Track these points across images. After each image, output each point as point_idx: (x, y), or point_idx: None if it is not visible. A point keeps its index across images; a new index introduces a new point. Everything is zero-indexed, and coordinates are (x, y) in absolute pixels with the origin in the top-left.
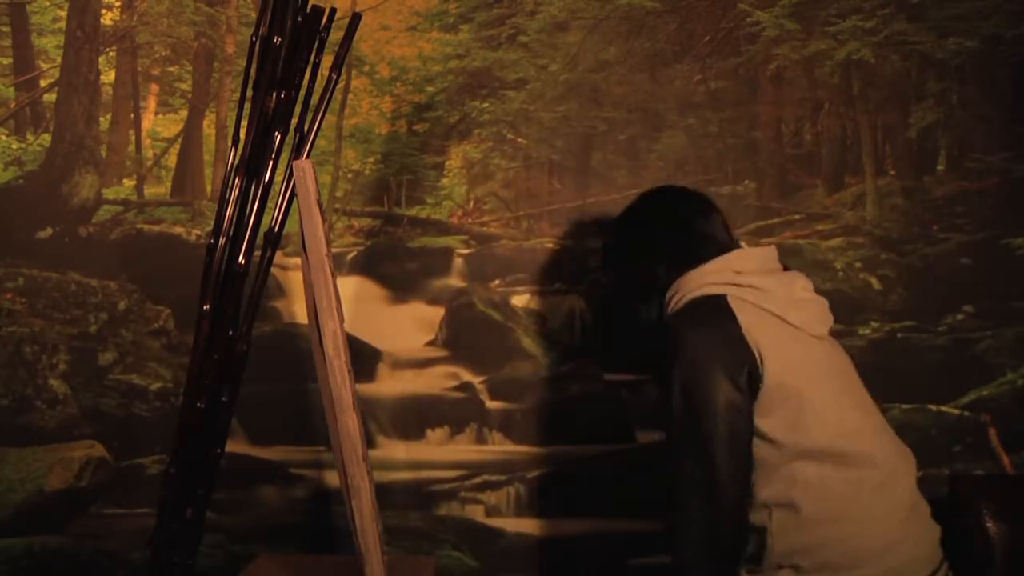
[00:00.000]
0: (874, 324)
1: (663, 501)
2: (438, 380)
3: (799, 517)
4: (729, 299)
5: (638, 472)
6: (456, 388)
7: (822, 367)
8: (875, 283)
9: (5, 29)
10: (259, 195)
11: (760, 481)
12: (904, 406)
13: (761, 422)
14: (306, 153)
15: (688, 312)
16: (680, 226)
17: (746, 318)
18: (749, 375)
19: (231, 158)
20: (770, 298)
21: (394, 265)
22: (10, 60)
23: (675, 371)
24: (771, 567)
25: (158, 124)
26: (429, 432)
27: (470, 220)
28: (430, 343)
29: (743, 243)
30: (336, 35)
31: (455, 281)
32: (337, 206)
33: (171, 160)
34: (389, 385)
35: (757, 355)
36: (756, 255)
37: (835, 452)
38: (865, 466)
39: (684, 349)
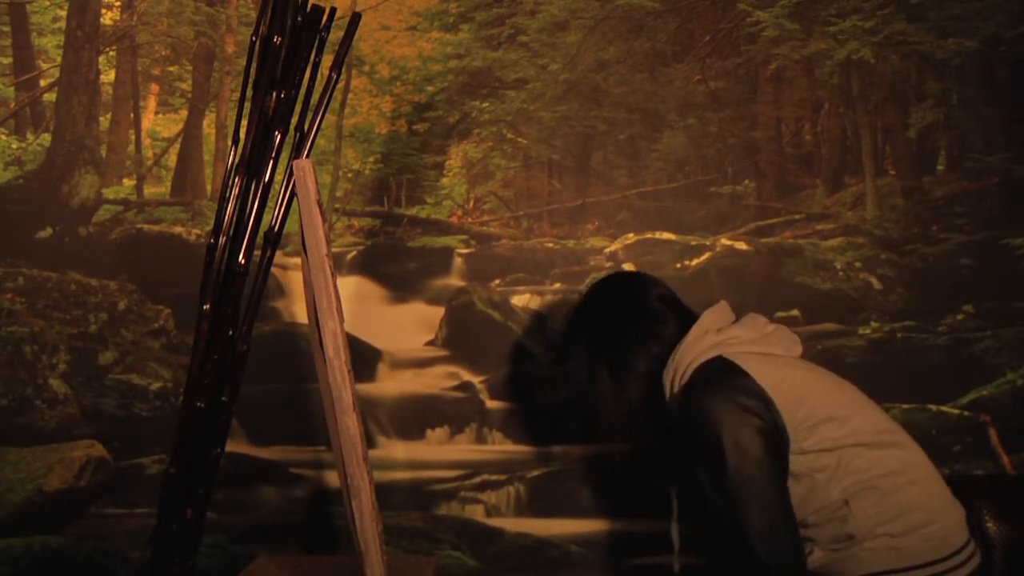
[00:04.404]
0: (874, 324)
1: (661, 502)
2: (438, 380)
3: (877, 494)
4: (727, 356)
5: (637, 472)
6: (456, 388)
7: (821, 378)
8: (875, 283)
9: (5, 29)
10: (259, 195)
11: (825, 485)
12: (904, 406)
13: (808, 443)
14: (306, 153)
15: (701, 382)
16: (657, 310)
17: (748, 365)
18: (774, 417)
19: (231, 158)
20: (749, 342)
21: (394, 265)
22: (10, 60)
23: (714, 439)
24: (861, 540)
25: (158, 124)
26: (429, 432)
27: (470, 220)
28: (430, 343)
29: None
30: (336, 35)
31: (455, 281)
32: (337, 206)
33: (171, 160)
34: (389, 385)
35: (773, 396)
36: (720, 312)
37: (876, 437)
38: (900, 446)
39: (716, 418)
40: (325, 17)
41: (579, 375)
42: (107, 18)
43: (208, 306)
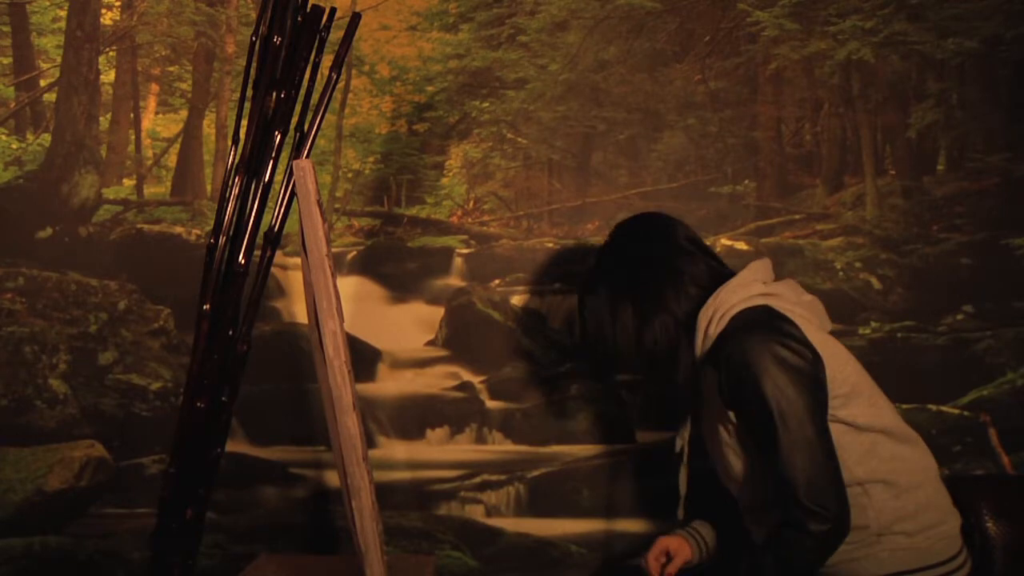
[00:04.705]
0: (874, 324)
1: (662, 502)
2: (438, 380)
3: (895, 489)
4: (774, 308)
5: (638, 472)
6: (456, 388)
7: (852, 357)
8: (875, 283)
9: (5, 29)
10: (259, 195)
11: (848, 464)
12: (904, 406)
13: (841, 412)
14: (306, 153)
15: (749, 325)
16: (686, 250)
17: (797, 321)
18: (819, 371)
19: (231, 158)
20: (792, 303)
21: (394, 265)
22: (10, 60)
23: (761, 382)
24: (874, 535)
25: (158, 124)
26: (429, 432)
27: (470, 220)
28: (430, 343)
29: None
30: (336, 35)
31: (455, 281)
32: (337, 206)
33: (171, 160)
34: (389, 385)
35: (819, 354)
36: (765, 267)
37: (897, 429)
38: (916, 444)
39: (764, 361)
40: (325, 17)
41: (600, 312)
42: (107, 18)
43: (208, 306)
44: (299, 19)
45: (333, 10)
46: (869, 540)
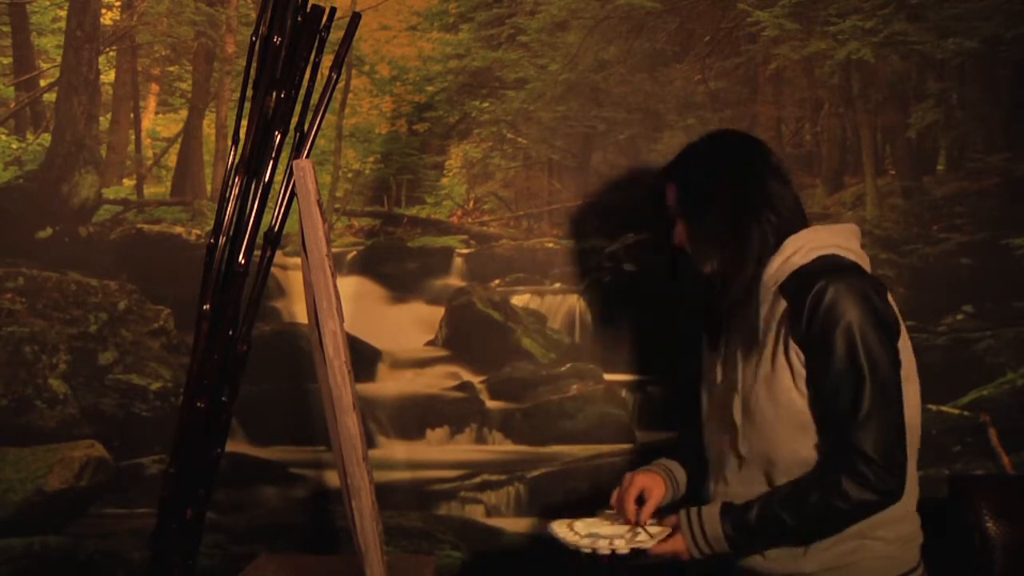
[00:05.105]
0: None
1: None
2: (438, 380)
3: None
4: (863, 268)
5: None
6: (456, 388)
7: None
8: None
9: (5, 29)
10: (259, 195)
11: None
12: None
13: None
14: (306, 153)
15: (844, 268)
16: (779, 174)
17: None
18: (898, 337)
19: (231, 158)
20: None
21: (394, 265)
22: (10, 60)
23: (855, 328)
24: (853, 536)
25: (158, 124)
26: (429, 432)
27: (470, 220)
28: (430, 343)
29: None
30: (336, 35)
31: (455, 281)
32: (337, 206)
33: (171, 160)
34: (389, 385)
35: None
36: (857, 233)
37: (914, 434)
38: (913, 455)
39: (860, 305)
40: (325, 17)
41: (696, 196)
42: (107, 18)
43: (208, 306)
44: (299, 19)
45: (333, 10)
46: (850, 544)
